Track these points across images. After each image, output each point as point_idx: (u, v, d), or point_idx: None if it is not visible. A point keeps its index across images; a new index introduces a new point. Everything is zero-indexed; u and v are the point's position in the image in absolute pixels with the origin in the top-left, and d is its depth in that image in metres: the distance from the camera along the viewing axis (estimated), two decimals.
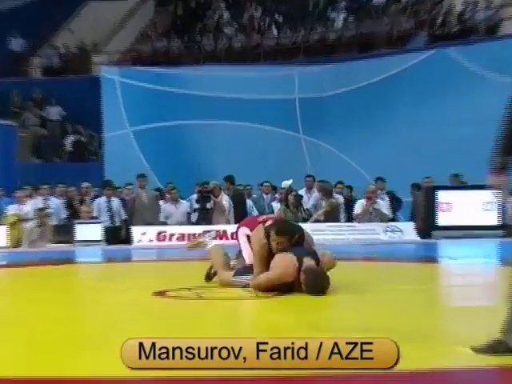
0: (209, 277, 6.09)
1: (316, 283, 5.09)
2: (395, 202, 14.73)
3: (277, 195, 14.73)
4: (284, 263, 5.21)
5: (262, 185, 14.95)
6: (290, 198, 13.20)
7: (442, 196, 13.83)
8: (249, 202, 14.49)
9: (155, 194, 14.39)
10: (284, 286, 5.23)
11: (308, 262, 5.17)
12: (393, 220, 14.30)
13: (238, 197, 14.21)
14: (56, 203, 14.05)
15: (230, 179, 14.42)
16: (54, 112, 19.98)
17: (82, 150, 19.72)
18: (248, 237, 5.74)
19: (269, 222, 5.57)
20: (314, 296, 5.01)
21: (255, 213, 14.26)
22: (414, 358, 3.08)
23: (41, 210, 13.13)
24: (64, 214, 14.01)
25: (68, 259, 10.70)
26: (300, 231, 5.50)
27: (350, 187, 14.84)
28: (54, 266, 9.40)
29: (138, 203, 13.99)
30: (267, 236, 5.41)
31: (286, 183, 13.47)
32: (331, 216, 13.81)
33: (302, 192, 14.23)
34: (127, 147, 17.71)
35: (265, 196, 14.97)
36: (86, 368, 3.01)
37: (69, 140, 19.56)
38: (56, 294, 5.95)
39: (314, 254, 5.30)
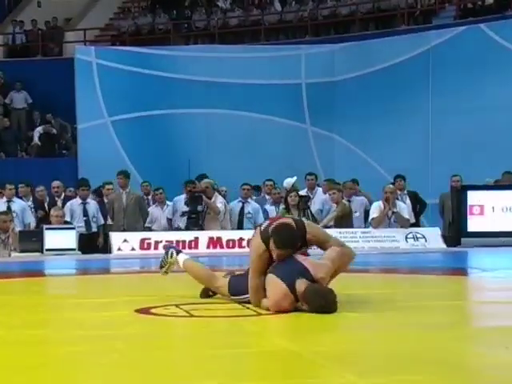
0: (206, 294, 6.09)
1: (321, 304, 5.09)
2: (418, 205, 14.74)
3: (267, 197, 14.72)
4: (276, 297, 5.24)
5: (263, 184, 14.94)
6: (293, 198, 13.13)
7: (473, 197, 13.81)
8: (251, 206, 14.44)
9: (138, 196, 14.38)
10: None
11: (301, 285, 5.16)
12: (415, 225, 14.30)
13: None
14: (21, 205, 14.03)
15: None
16: (19, 99, 19.97)
17: (53, 143, 19.70)
18: None
19: (270, 226, 5.55)
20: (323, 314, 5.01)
21: (259, 220, 14.23)
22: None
23: (3, 213, 13.11)
24: (31, 218, 13.99)
25: (36, 271, 10.68)
26: (300, 238, 5.47)
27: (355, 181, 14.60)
28: (19, 279, 9.38)
29: (118, 206, 13.98)
30: (267, 243, 5.41)
31: (289, 181, 13.45)
32: (343, 221, 13.80)
33: (302, 193, 14.22)
34: (105, 140, 17.70)
35: (267, 197, 14.94)
36: None
37: (37, 132, 19.53)
38: (21, 312, 5.93)
39: (305, 273, 5.24)
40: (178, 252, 6.40)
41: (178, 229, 14.24)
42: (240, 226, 14.33)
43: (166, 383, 3.22)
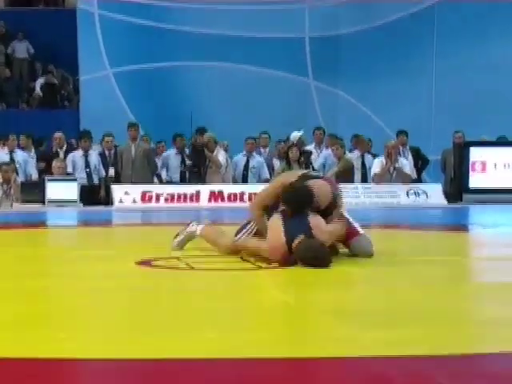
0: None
1: (310, 256, 5.08)
2: (420, 161, 14.74)
3: (261, 150, 14.69)
4: (272, 244, 5.25)
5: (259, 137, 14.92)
6: (294, 153, 13.09)
7: (475, 154, 13.80)
8: (256, 159, 14.46)
9: (147, 148, 14.33)
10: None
11: (298, 240, 5.16)
12: (417, 181, 14.31)
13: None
14: (24, 157, 14.04)
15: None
16: (21, 49, 19.81)
17: (54, 94, 19.60)
18: None
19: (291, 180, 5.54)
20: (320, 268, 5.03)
21: (264, 174, 14.25)
22: (444, 339, 3.10)
23: (5, 164, 13.12)
24: (33, 169, 14.01)
25: (38, 222, 10.72)
26: (309, 199, 5.38)
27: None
28: (21, 230, 9.42)
29: (126, 158, 13.94)
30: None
31: (296, 135, 13.41)
32: (344, 177, 13.80)
33: (310, 148, 14.21)
34: (107, 92, 17.61)
35: (262, 151, 14.94)
36: (59, 348, 3.02)
37: (38, 83, 19.43)
38: (24, 263, 5.95)
39: (307, 231, 5.23)
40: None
41: (170, 182, 14.30)
42: (244, 180, 14.34)
43: (166, 334, 3.23)
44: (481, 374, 2.68)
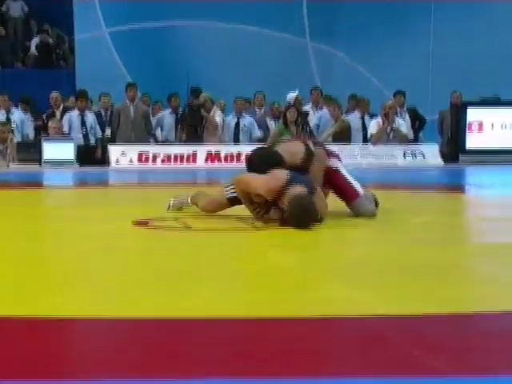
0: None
1: (297, 213, 5.04)
2: (417, 121, 14.71)
3: (257, 110, 14.67)
4: (275, 175, 5.23)
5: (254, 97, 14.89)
6: (291, 115, 13.05)
7: (473, 114, 13.76)
8: (247, 119, 14.46)
9: (146, 109, 14.28)
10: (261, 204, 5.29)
11: (296, 189, 5.13)
12: (414, 142, 14.30)
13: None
14: (21, 117, 13.98)
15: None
16: (16, 7, 19.62)
17: (50, 53, 19.46)
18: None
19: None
20: (300, 229, 5.02)
21: (255, 133, 14.24)
22: (437, 298, 3.11)
23: (2, 123, 13.07)
24: (30, 129, 13.96)
25: (34, 182, 10.71)
26: (276, 158, 5.44)
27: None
28: (18, 190, 9.41)
29: (125, 118, 13.88)
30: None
31: (291, 95, 13.36)
32: (341, 138, 13.79)
33: (307, 108, 14.18)
34: (103, 51, 17.48)
35: (257, 110, 14.94)
36: (61, 307, 3.03)
37: (34, 42, 19.29)
38: (20, 223, 5.95)
39: (310, 186, 5.23)
40: None
41: (166, 142, 14.29)
42: (236, 140, 14.33)
43: (162, 294, 3.24)
44: (480, 334, 2.69)
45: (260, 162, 5.42)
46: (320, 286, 3.48)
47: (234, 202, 5.62)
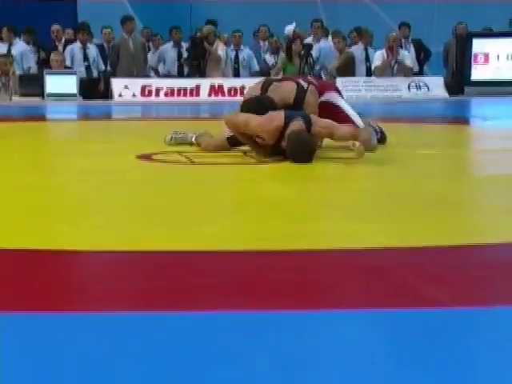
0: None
1: (296, 147, 5.03)
2: (422, 53, 14.56)
3: (261, 43, 14.53)
4: (271, 117, 5.20)
5: (258, 30, 14.73)
6: (297, 46, 12.96)
7: (478, 45, 13.62)
8: (245, 52, 14.35)
9: (143, 41, 14.18)
10: (261, 147, 5.25)
11: (293, 125, 5.11)
12: (419, 74, 14.19)
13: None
14: (21, 49, 13.85)
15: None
16: None
17: None
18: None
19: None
20: (300, 164, 5.00)
21: (254, 67, 14.13)
22: (439, 230, 3.12)
23: (3, 56, 12.96)
24: (31, 62, 13.84)
25: (37, 115, 10.67)
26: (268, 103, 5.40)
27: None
28: (20, 123, 9.39)
29: (125, 51, 13.77)
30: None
31: (289, 28, 13.21)
32: (345, 71, 13.69)
33: (309, 40, 14.04)
34: None
35: (262, 44, 14.82)
36: (60, 239, 3.04)
37: None
38: (24, 156, 5.94)
39: (306, 118, 5.21)
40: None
41: (168, 76, 14.18)
42: (236, 74, 14.24)
43: (166, 227, 3.24)
44: (481, 264, 2.70)
45: (252, 111, 5.37)
46: (320, 218, 3.49)
47: (233, 141, 5.57)
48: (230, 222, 3.42)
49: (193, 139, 6.01)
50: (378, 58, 13.66)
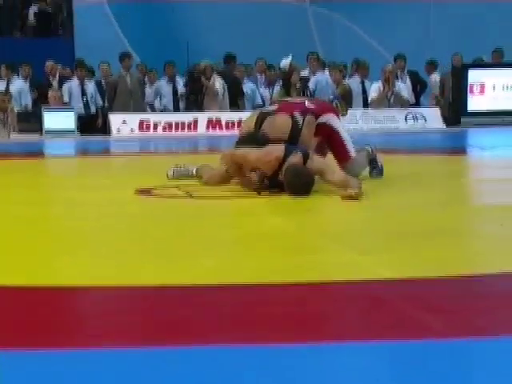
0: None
1: (294, 180, 5.05)
2: (418, 85, 14.64)
3: (258, 76, 14.59)
4: (271, 149, 5.23)
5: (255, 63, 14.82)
6: (295, 77, 13.02)
7: (474, 76, 13.69)
8: (248, 86, 14.42)
9: (139, 77, 14.27)
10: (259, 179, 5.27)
11: (292, 159, 5.14)
12: (415, 105, 14.26)
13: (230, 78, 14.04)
14: (20, 85, 13.90)
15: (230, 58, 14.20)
16: None
17: (48, 22, 19.35)
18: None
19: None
20: (297, 196, 5.01)
21: (257, 99, 14.20)
22: (437, 260, 3.12)
23: (1, 93, 13.02)
24: (28, 99, 13.90)
25: (36, 152, 10.70)
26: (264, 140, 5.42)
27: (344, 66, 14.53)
28: (19, 160, 9.41)
29: (123, 88, 13.85)
30: None
31: (286, 62, 13.28)
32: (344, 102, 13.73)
33: (304, 73, 14.11)
34: (102, 20, 17.36)
35: (259, 77, 14.89)
36: (60, 273, 3.04)
37: (32, 10, 19.16)
38: (22, 191, 5.96)
39: (304, 152, 5.24)
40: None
41: (165, 110, 14.25)
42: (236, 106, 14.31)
43: (165, 260, 3.25)
44: (479, 295, 2.70)
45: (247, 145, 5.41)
46: (320, 250, 3.49)
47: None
48: (229, 256, 3.43)
49: (193, 172, 6.04)
50: (375, 90, 13.73)
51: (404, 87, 13.85)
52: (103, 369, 1.96)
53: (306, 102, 5.86)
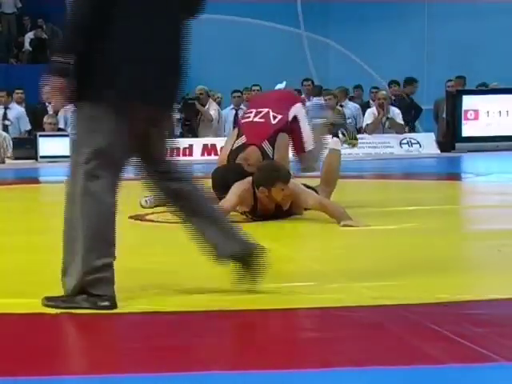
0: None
1: (267, 168, 5.18)
2: (413, 110, 14.68)
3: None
4: (236, 185, 5.27)
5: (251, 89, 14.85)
6: None
7: (468, 102, 13.73)
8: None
9: None
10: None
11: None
12: (410, 131, 14.29)
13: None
14: (19, 112, 13.86)
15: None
16: (8, 3, 19.55)
17: (44, 48, 19.40)
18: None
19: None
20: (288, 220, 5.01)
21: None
22: (432, 289, 3.11)
23: None
24: (27, 125, 13.88)
25: (31, 178, 10.67)
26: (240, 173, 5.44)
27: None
28: (15, 186, 9.39)
29: None
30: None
31: (280, 87, 13.29)
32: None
33: None
34: None
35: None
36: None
37: (27, 37, 19.23)
38: (18, 219, 5.94)
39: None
40: None
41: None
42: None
43: (164, 287, 3.23)
44: (468, 319, 2.68)
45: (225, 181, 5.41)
46: (314, 276, 3.48)
47: None
48: (228, 280, 3.41)
49: None
50: (369, 115, 13.78)
51: (398, 112, 13.90)
52: None
53: (271, 118, 5.72)
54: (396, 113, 13.79)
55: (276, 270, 3.61)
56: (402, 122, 13.87)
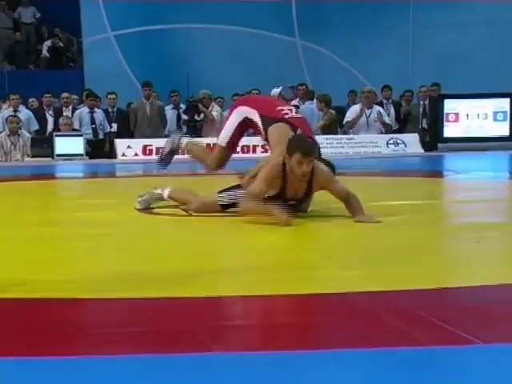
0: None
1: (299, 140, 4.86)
2: (402, 114, 14.69)
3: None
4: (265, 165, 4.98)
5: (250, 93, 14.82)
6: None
7: (449, 106, 13.78)
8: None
9: (161, 105, 14.26)
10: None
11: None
12: (398, 132, 14.32)
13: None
14: (27, 114, 13.83)
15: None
16: (28, 14, 19.53)
17: (60, 56, 19.40)
18: (245, 121, 5.55)
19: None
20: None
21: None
22: (417, 277, 3.10)
23: (11, 116, 13.04)
24: (36, 126, 13.84)
25: (47, 174, 10.67)
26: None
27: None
28: (32, 182, 9.38)
29: (142, 115, 13.86)
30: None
31: (276, 91, 13.27)
32: (330, 129, 13.79)
33: (295, 103, 14.13)
34: (109, 53, 17.41)
35: None
36: (66, 287, 3.01)
37: (45, 45, 19.21)
38: (34, 212, 5.93)
39: None
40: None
41: (168, 135, 14.20)
42: None
43: (167, 277, 3.22)
44: (456, 306, 2.68)
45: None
46: (310, 266, 3.47)
47: (227, 207, 5.23)
48: (228, 271, 3.40)
49: (165, 195, 5.51)
50: (352, 112, 13.80)
51: (384, 113, 13.89)
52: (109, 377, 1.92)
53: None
54: (383, 112, 13.79)
55: (275, 260, 3.62)
56: (390, 123, 13.89)
